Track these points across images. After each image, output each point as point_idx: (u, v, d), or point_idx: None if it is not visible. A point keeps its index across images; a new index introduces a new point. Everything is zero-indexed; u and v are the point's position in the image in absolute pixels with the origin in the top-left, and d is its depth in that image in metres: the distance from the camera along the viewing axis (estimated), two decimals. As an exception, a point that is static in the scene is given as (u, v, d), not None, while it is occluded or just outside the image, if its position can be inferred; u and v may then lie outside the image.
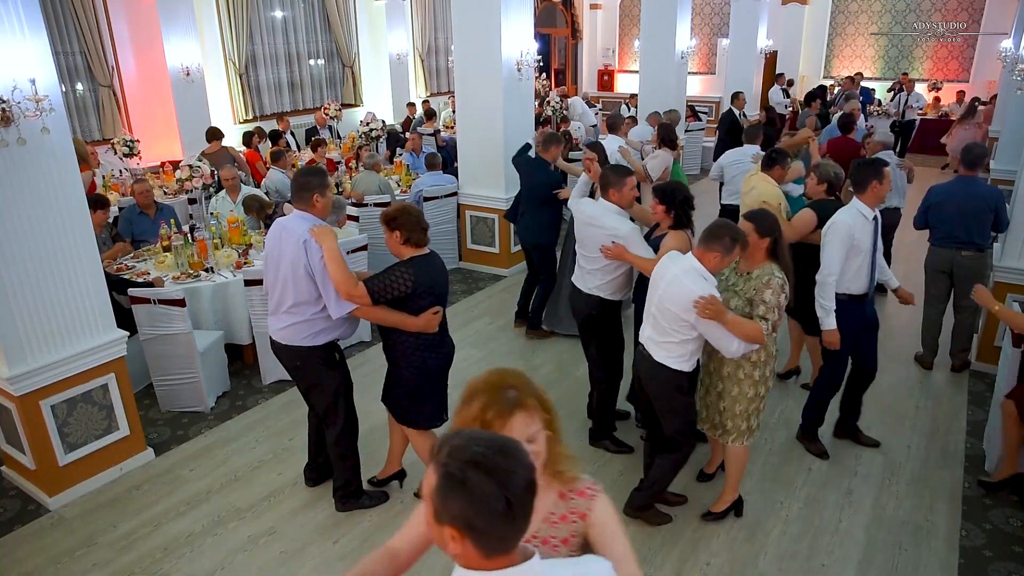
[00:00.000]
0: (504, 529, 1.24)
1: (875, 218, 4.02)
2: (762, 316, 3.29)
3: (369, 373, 5.22)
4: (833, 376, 4.29)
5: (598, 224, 4.08)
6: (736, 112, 10.29)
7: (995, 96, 12.49)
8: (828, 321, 3.98)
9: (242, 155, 8.92)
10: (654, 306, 3.40)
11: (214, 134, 8.85)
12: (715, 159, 9.58)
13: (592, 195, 4.83)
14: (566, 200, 5.49)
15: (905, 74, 14.11)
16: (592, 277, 4.21)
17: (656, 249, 3.96)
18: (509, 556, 1.28)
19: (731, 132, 9.60)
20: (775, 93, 13.86)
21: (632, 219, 4.24)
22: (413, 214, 3.38)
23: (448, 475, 1.23)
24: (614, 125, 7.61)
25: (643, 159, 7.26)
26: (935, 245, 5.32)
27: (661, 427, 3.63)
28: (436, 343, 3.52)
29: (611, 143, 7.35)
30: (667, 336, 3.36)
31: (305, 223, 3.43)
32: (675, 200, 3.88)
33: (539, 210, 5.93)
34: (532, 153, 6.36)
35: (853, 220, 3.96)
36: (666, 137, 6.64)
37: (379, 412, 4.16)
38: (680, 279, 3.24)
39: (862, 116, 8.67)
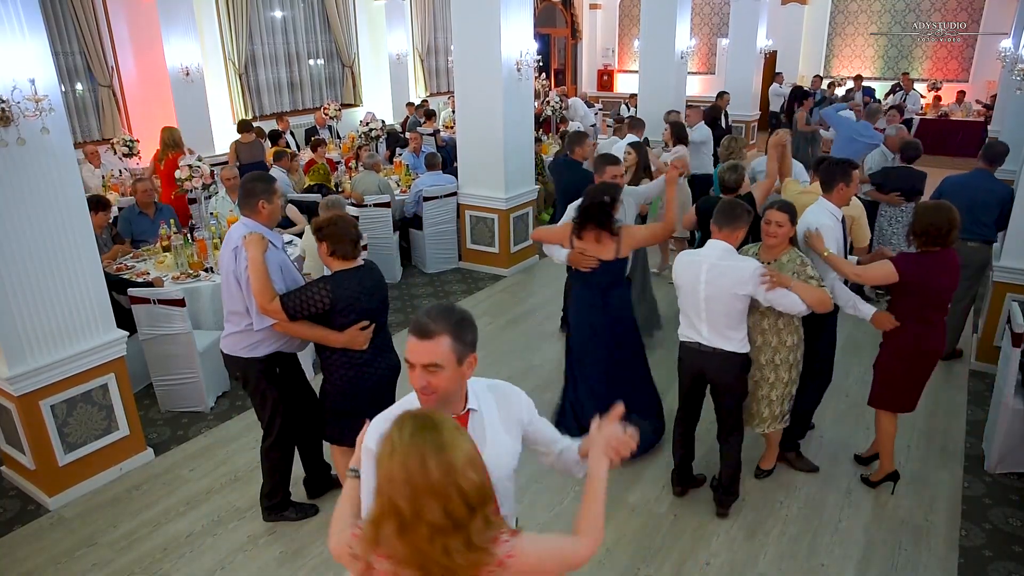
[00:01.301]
0: None
1: (842, 219, 3.99)
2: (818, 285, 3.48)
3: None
4: (824, 382, 4.24)
5: None
6: (718, 107, 10.22)
7: (995, 96, 12.51)
8: (866, 309, 3.78)
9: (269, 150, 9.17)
10: (701, 302, 3.44)
11: (247, 126, 9.07)
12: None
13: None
14: None
15: (905, 74, 14.11)
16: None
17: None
18: None
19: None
20: (775, 91, 13.87)
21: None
22: (341, 225, 3.26)
23: (463, 319, 1.84)
24: (633, 126, 7.84)
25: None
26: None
27: (722, 418, 3.73)
28: (366, 361, 3.35)
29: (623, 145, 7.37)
30: (725, 324, 3.45)
31: (245, 230, 3.37)
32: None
33: None
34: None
35: (829, 221, 3.88)
36: (679, 134, 7.20)
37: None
38: (722, 265, 3.38)
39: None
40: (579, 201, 4.12)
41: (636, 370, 4.34)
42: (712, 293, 3.40)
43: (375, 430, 1.89)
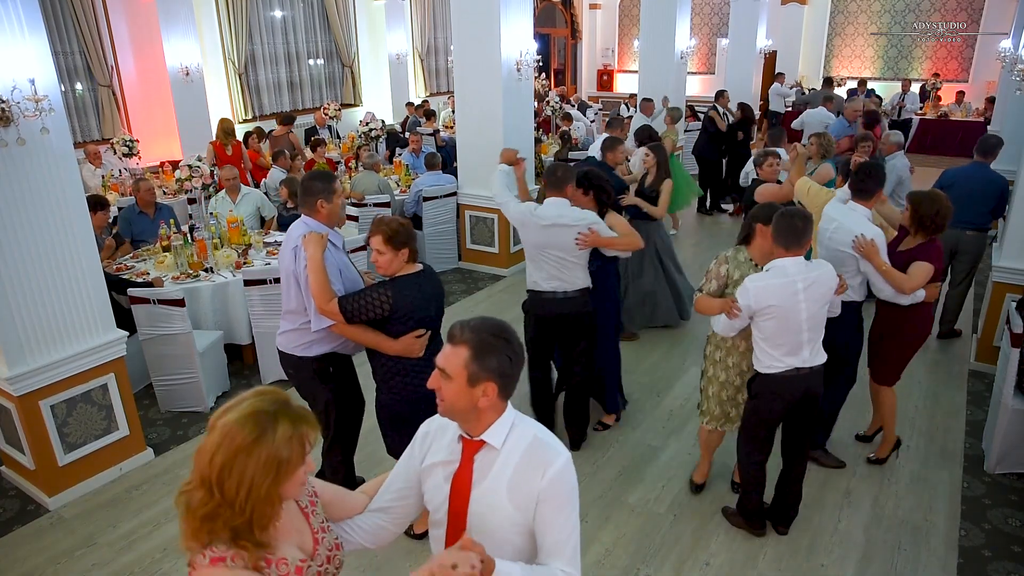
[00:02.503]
0: (518, 374, 1.77)
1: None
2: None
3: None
4: (851, 381, 4.27)
5: (563, 223, 3.98)
6: (720, 110, 10.27)
7: (994, 96, 12.51)
8: (920, 294, 3.79)
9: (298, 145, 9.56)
10: (803, 323, 3.27)
11: (288, 119, 9.44)
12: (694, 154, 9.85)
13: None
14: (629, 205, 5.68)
15: (936, 75, 14.14)
16: (573, 275, 4.11)
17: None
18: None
19: (707, 130, 9.71)
20: (775, 91, 13.86)
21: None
22: (408, 227, 3.16)
23: (483, 341, 1.69)
24: (608, 125, 7.73)
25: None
26: (953, 227, 5.55)
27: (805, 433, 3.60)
28: (418, 368, 3.20)
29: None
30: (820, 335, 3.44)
31: (304, 229, 3.31)
32: (592, 184, 4.22)
33: None
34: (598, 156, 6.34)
35: (878, 230, 3.87)
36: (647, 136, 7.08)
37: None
38: (812, 276, 3.31)
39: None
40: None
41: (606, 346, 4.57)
42: (813, 311, 3.25)
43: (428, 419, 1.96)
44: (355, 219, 6.67)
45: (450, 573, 1.43)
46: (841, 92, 13.47)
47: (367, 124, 10.16)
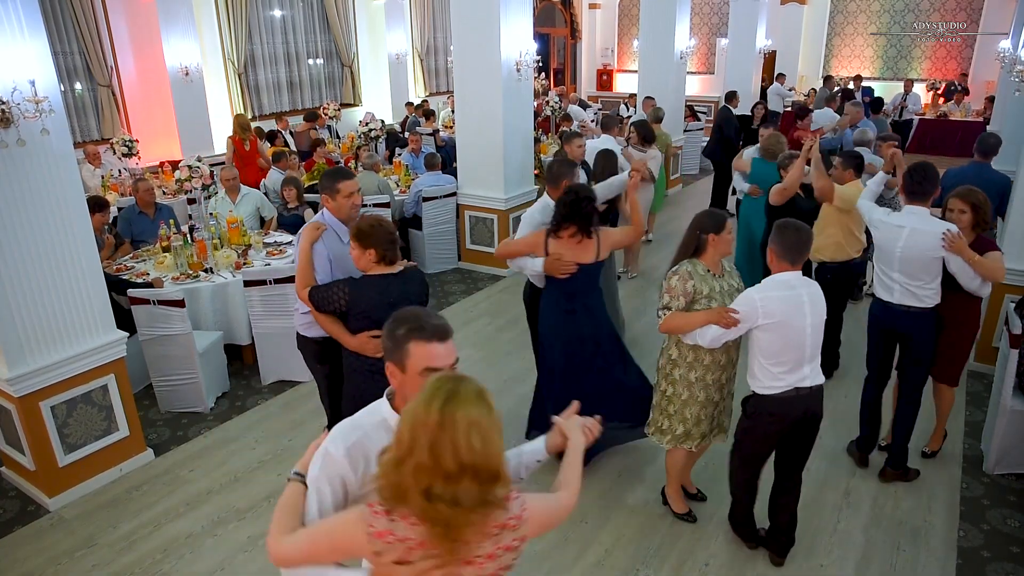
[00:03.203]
0: None
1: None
2: None
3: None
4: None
5: None
6: (732, 111, 10.30)
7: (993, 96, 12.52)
8: (986, 289, 3.87)
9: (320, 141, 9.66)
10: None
11: (311, 115, 9.74)
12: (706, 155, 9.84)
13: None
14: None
15: (964, 74, 14.16)
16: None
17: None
18: None
19: (724, 130, 9.65)
20: (774, 91, 13.86)
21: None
22: (385, 229, 3.20)
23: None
24: (607, 126, 7.59)
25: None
26: None
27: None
28: (377, 370, 3.16)
29: (606, 144, 7.37)
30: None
31: (319, 218, 3.58)
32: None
33: None
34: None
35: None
36: (645, 135, 7.17)
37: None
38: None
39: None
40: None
41: (622, 374, 4.16)
42: (817, 326, 3.21)
43: (341, 437, 1.85)
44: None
45: (589, 423, 2.03)
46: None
47: (367, 124, 10.15)
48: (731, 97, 10.45)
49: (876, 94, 14.35)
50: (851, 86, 13.65)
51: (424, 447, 1.50)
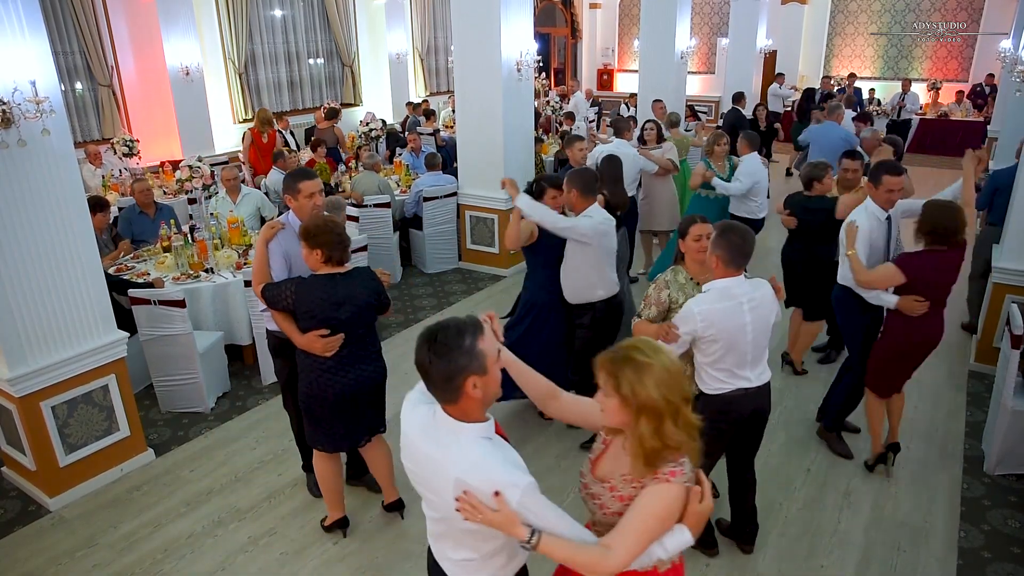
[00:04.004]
0: None
1: (888, 218, 4.06)
2: None
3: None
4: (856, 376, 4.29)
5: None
6: (740, 111, 10.32)
7: (994, 96, 12.52)
8: (888, 298, 3.79)
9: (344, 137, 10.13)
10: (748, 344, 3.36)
11: (332, 112, 9.88)
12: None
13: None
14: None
15: (991, 75, 14.15)
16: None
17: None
18: None
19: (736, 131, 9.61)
20: (773, 92, 13.86)
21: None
22: (334, 231, 3.25)
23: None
24: (619, 129, 7.42)
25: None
26: (993, 224, 5.79)
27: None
28: (330, 368, 3.33)
29: (620, 148, 7.27)
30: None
31: (283, 219, 3.62)
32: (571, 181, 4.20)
33: None
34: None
35: (865, 220, 3.96)
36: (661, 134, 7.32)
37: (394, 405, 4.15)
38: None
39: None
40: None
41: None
42: (759, 331, 3.15)
43: (505, 482, 1.76)
44: (355, 219, 6.67)
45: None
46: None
47: (367, 124, 10.16)
48: (739, 98, 10.45)
49: (877, 94, 14.39)
50: (842, 86, 13.69)
51: (679, 393, 1.82)
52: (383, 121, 10.99)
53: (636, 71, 12.06)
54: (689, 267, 3.36)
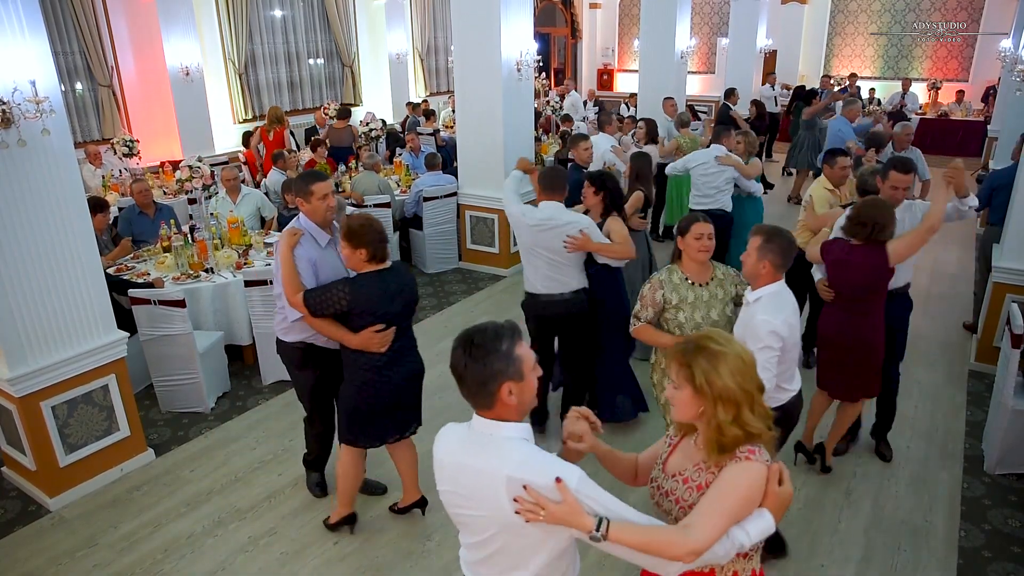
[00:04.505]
0: None
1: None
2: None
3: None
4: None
5: (552, 225, 4.02)
6: (731, 107, 10.32)
7: (994, 96, 12.51)
8: (816, 274, 4.04)
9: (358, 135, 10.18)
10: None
11: (344, 112, 10.00)
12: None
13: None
14: None
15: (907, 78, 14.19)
16: (568, 276, 4.16)
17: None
18: None
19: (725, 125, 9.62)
20: (766, 91, 13.83)
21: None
22: (374, 229, 3.23)
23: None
24: (602, 123, 7.61)
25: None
26: (994, 224, 5.82)
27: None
28: (383, 364, 3.32)
29: (603, 142, 7.41)
30: None
31: (296, 224, 3.54)
32: (606, 186, 4.31)
33: None
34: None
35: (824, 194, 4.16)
36: (652, 134, 7.35)
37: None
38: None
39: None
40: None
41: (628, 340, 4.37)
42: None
43: (557, 473, 1.69)
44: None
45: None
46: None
47: (367, 124, 10.16)
48: (730, 94, 10.46)
49: (877, 94, 14.39)
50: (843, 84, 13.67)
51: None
52: (383, 121, 10.99)
53: (636, 71, 12.05)
54: (686, 266, 3.32)
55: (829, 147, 6.33)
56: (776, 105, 13.52)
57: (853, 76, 14.00)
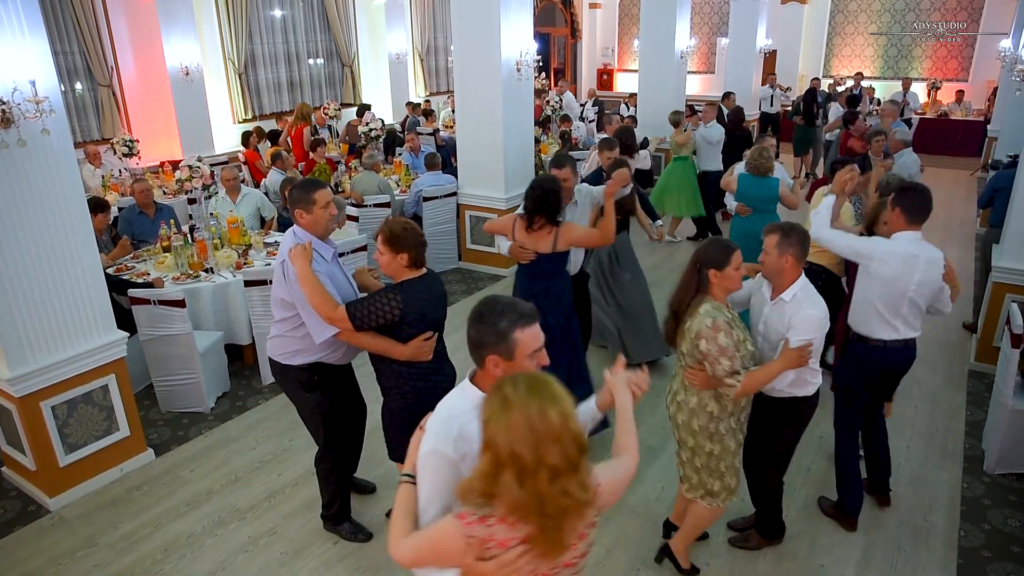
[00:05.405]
0: None
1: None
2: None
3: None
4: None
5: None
6: (725, 111, 10.28)
7: (994, 94, 12.52)
8: None
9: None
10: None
11: (363, 109, 10.29)
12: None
13: None
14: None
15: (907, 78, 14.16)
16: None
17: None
18: None
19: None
20: (764, 92, 13.81)
21: None
22: (415, 232, 3.06)
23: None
24: (601, 125, 7.59)
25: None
26: (995, 226, 5.81)
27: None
28: (430, 371, 3.17)
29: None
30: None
31: (292, 240, 3.27)
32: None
33: None
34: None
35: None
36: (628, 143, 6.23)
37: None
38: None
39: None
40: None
41: (573, 360, 4.27)
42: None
43: (434, 433, 1.91)
44: (355, 219, 6.68)
45: (637, 376, 2.04)
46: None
47: (367, 124, 10.15)
48: (726, 97, 10.45)
49: (876, 94, 14.36)
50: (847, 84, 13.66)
51: (555, 451, 1.55)
52: (382, 121, 10.98)
53: (636, 71, 12.06)
54: (717, 296, 2.99)
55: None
56: (772, 105, 13.51)
57: (859, 76, 13.99)
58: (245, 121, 11.20)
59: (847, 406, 3.70)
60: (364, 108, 10.48)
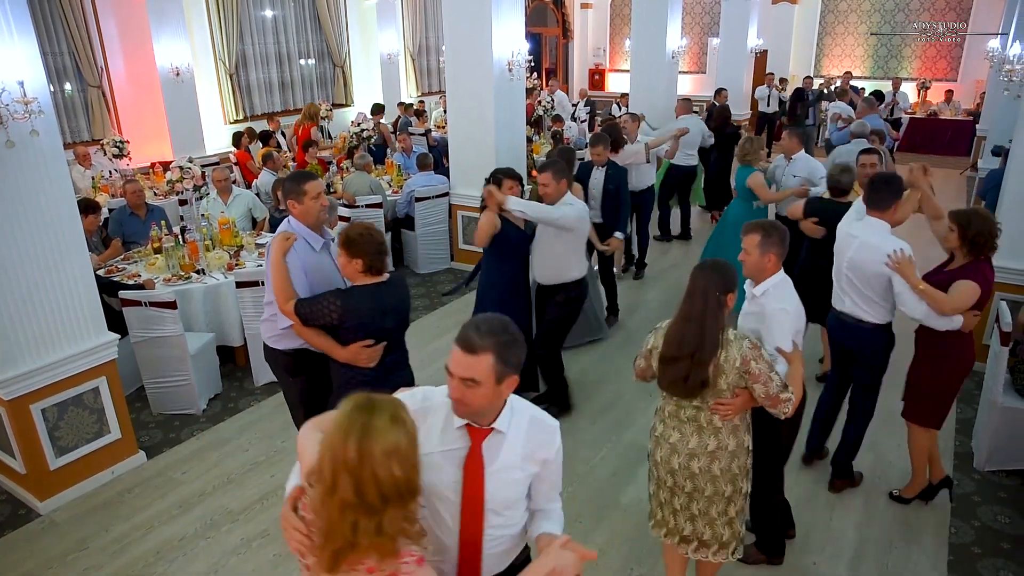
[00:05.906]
0: None
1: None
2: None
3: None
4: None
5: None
6: (717, 107, 10.35)
7: (983, 94, 12.60)
8: (957, 321, 3.46)
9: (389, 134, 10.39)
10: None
11: (377, 108, 10.41)
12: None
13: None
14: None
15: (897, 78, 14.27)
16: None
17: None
18: None
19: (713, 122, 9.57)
20: (762, 92, 13.86)
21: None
22: (374, 238, 3.08)
23: (511, 341, 1.82)
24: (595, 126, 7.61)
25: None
26: None
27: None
28: (371, 379, 3.08)
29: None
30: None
31: (286, 227, 3.38)
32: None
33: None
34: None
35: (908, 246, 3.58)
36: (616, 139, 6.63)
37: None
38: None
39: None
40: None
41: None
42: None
43: (409, 397, 1.95)
44: (347, 220, 6.66)
45: (571, 568, 1.72)
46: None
47: (358, 124, 10.13)
48: (718, 93, 10.52)
49: (867, 93, 14.44)
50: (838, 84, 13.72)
51: (347, 484, 1.50)
52: (374, 121, 10.95)
53: (627, 71, 12.07)
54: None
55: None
56: (769, 105, 13.57)
57: (848, 75, 14.08)
58: (236, 122, 11.14)
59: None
60: (378, 107, 10.60)
